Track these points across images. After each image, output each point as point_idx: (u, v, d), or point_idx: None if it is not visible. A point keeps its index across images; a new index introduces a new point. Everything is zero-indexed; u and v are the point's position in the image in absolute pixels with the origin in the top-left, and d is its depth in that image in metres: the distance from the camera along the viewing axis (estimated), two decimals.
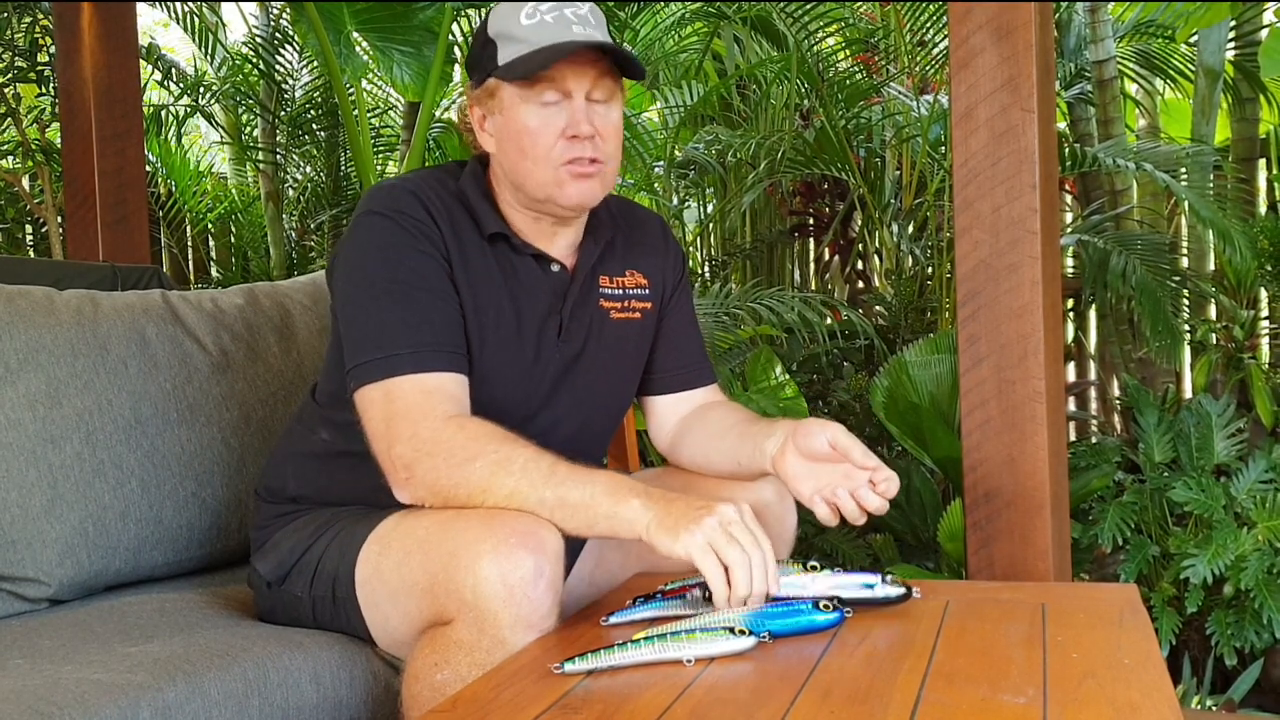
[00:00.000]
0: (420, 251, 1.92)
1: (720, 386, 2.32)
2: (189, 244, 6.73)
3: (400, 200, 1.95)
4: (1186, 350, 4.52)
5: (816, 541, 3.51)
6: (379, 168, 6.09)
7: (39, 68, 5.13)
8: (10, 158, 5.78)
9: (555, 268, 2.05)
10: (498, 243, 2.01)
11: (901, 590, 1.77)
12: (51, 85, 5.07)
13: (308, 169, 6.42)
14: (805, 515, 3.52)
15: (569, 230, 2.07)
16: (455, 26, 5.14)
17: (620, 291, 2.13)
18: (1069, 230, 4.55)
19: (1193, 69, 4.75)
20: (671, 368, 2.22)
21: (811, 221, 5.42)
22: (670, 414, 2.23)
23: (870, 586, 1.77)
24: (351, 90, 5.12)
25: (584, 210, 2.03)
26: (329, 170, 6.25)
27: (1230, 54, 4.62)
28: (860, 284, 5.29)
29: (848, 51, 5.48)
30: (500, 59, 1.95)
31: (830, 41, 5.48)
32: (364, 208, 1.97)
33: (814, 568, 1.89)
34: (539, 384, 2.04)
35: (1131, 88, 5.30)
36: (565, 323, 2.05)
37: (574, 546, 2.06)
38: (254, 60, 6.18)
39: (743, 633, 1.59)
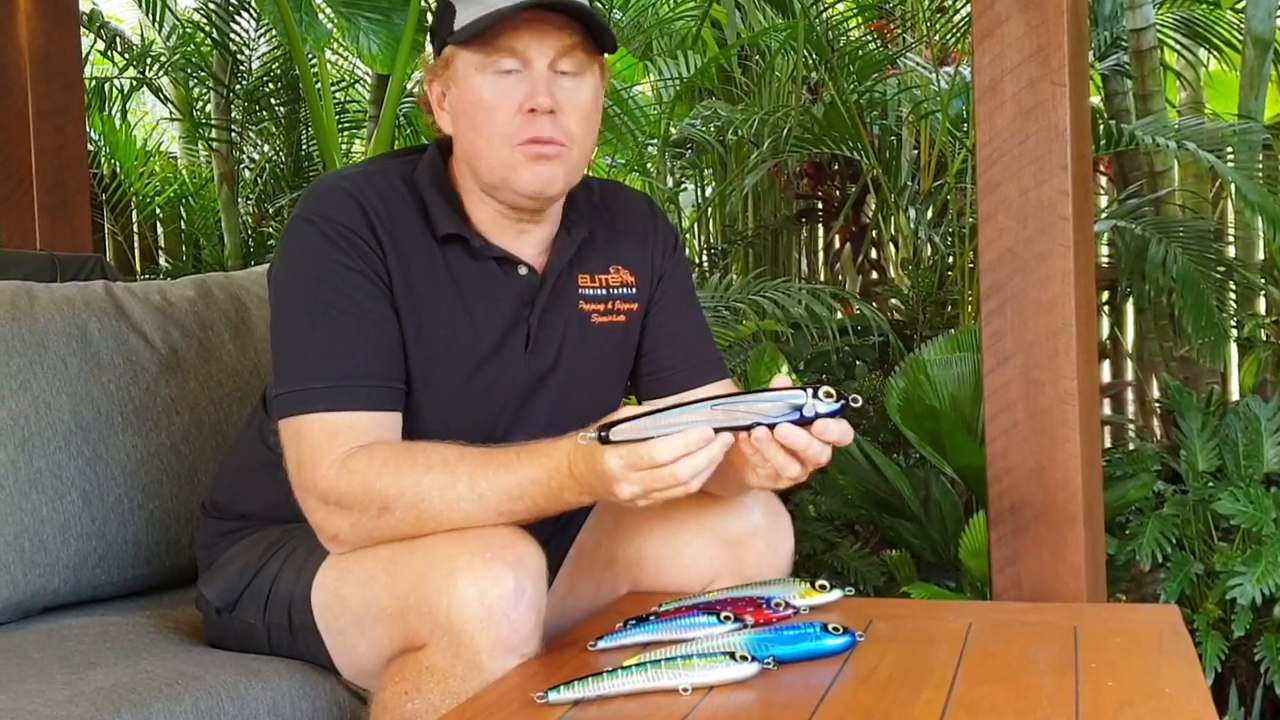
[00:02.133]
0: (349, 268, 1.89)
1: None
2: (135, 230, 6.71)
3: (333, 205, 1.92)
4: (1233, 348, 4.51)
5: (826, 559, 3.51)
6: (344, 147, 6.08)
7: None
8: None
9: (522, 270, 2.01)
10: (452, 246, 1.97)
11: (835, 404, 1.69)
12: None
13: (265, 148, 6.41)
14: (816, 532, 3.56)
15: (540, 226, 2.03)
16: None
17: (603, 291, 2.10)
18: (1103, 216, 4.54)
19: (1240, 38, 4.74)
20: (670, 364, 2.16)
21: (820, 206, 5.41)
22: None
23: (799, 409, 1.70)
24: (314, 61, 5.11)
25: (542, 199, 1.96)
26: (289, 149, 6.24)
27: None
28: (874, 275, 5.29)
29: (860, 18, 5.47)
30: (456, 23, 1.91)
31: (841, 7, 5.47)
32: (297, 210, 1.95)
33: (823, 587, 1.90)
34: (503, 404, 2.01)
35: (1173, 58, 5.30)
36: (533, 332, 2.01)
37: (553, 563, 2.06)
38: (206, 28, 6.17)
39: (744, 658, 1.60)
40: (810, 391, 1.69)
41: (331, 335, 1.87)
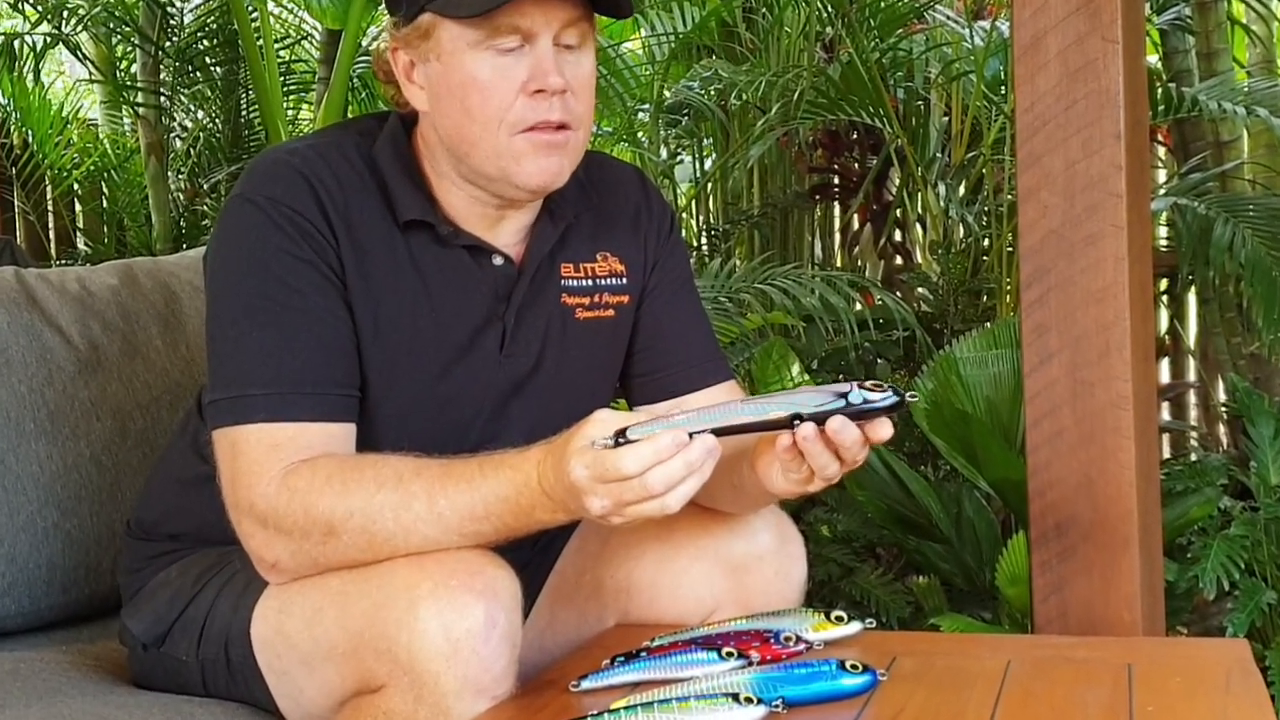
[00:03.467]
0: (296, 256, 1.88)
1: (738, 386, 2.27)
2: (49, 209, 6.70)
3: (279, 183, 1.91)
4: None
5: (843, 586, 3.51)
6: (290, 113, 6.07)
7: None
8: None
9: (498, 260, 2.01)
10: (417, 232, 1.97)
11: (890, 397, 1.71)
12: None
13: (200, 114, 6.39)
14: (831, 555, 3.56)
15: (521, 212, 2.03)
16: None
17: (589, 283, 2.10)
18: (1162, 192, 4.55)
19: None
20: (666, 365, 2.16)
21: (836, 181, 5.42)
22: None
23: (844, 396, 1.71)
24: (255, 15, 5.10)
25: (545, 192, 1.97)
26: (226, 116, 6.23)
27: None
28: (898, 260, 5.29)
29: None
30: None
31: None
32: (237, 189, 1.95)
33: (840, 618, 1.90)
34: (475, 414, 2.02)
35: (1241, 11, 5.30)
36: (509, 331, 2.01)
37: (530, 591, 2.06)
38: None
39: (749, 700, 1.60)
40: (854, 384, 1.71)
41: (274, 334, 1.86)
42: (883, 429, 1.73)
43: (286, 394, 1.85)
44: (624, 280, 2.13)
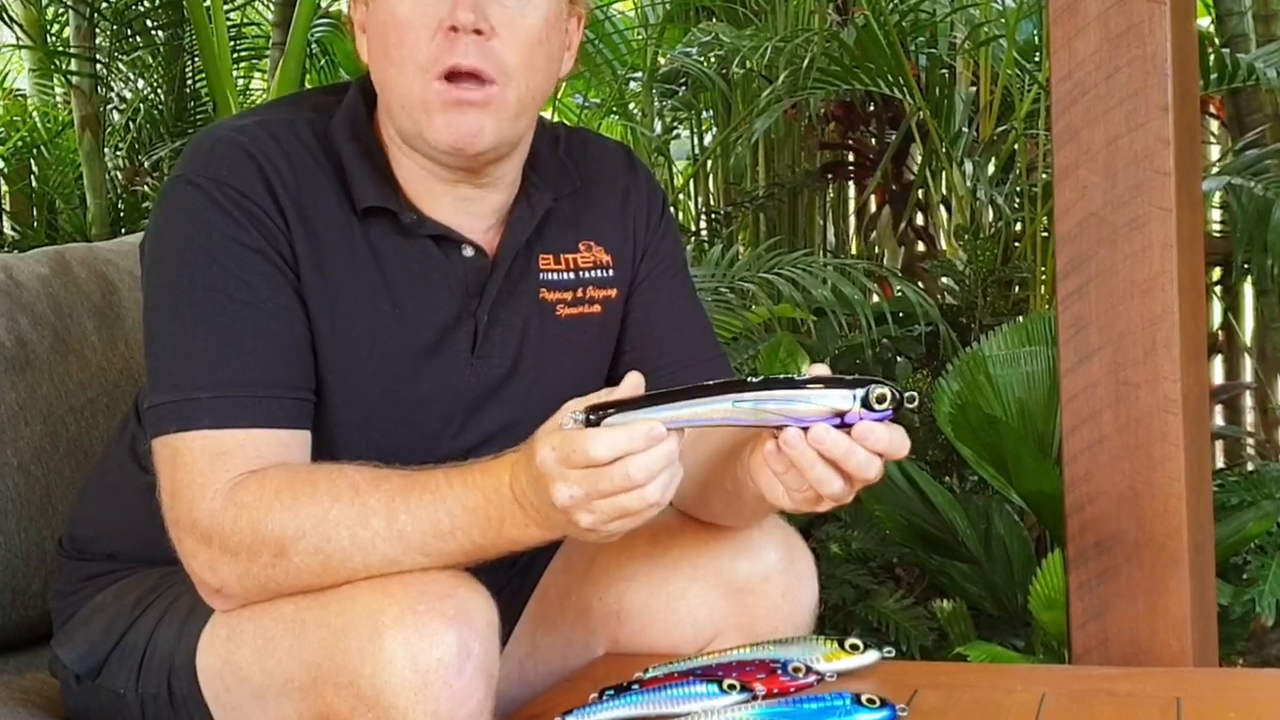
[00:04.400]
0: (244, 245, 1.88)
1: None
2: None
3: (224, 163, 1.90)
4: None
5: (858, 610, 3.52)
6: (241, 82, 6.07)
7: None
8: None
9: (468, 251, 2.00)
10: (377, 220, 1.96)
11: (885, 409, 1.68)
12: None
13: (140, 84, 6.39)
14: (845, 576, 3.56)
15: (489, 193, 2.01)
16: None
17: (570, 275, 2.10)
18: (1214, 171, 4.55)
19: None
20: (658, 364, 2.12)
21: (851, 158, 5.43)
22: None
23: (840, 415, 1.69)
24: None
25: (463, 155, 1.92)
26: (170, 86, 6.22)
27: None
28: (920, 246, 5.30)
29: None
30: None
31: None
32: (177, 169, 1.94)
33: (855, 647, 1.90)
34: (443, 422, 2.01)
35: None
36: (482, 330, 2.01)
37: (508, 616, 2.06)
38: None
39: None
40: (859, 394, 1.68)
41: (220, 330, 1.86)
42: (875, 438, 1.69)
43: (234, 397, 1.84)
44: (610, 272, 2.13)
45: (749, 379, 1.69)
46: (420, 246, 1.98)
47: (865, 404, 1.67)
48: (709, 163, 5.64)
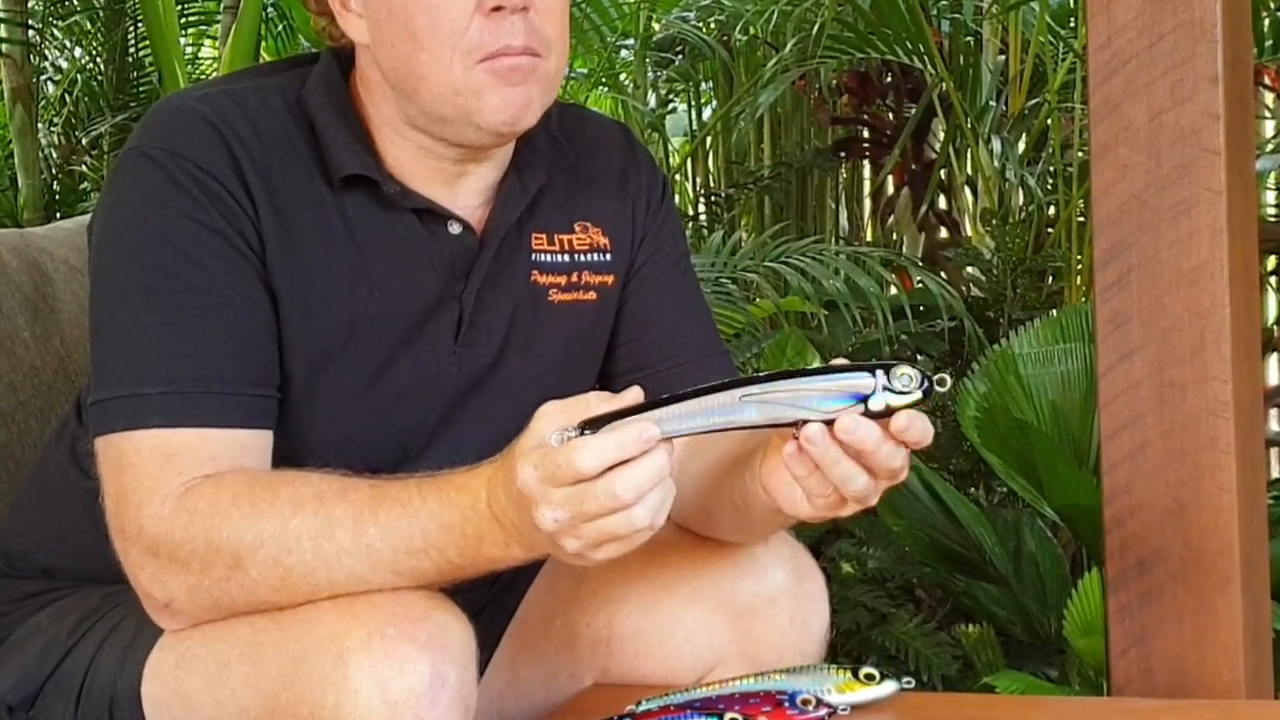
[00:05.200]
0: (204, 225, 1.87)
1: None
2: None
3: (185, 135, 1.90)
4: None
5: (874, 636, 3.52)
6: (189, 51, 6.06)
7: None
8: None
9: (454, 228, 2.00)
10: (355, 192, 1.96)
11: (916, 389, 1.66)
12: None
13: (77, 52, 6.39)
14: (860, 598, 3.56)
15: (484, 168, 2.02)
16: None
17: (565, 258, 2.10)
18: (1269, 148, 4.56)
19: None
20: (655, 359, 2.14)
21: (866, 135, 5.44)
22: None
23: (863, 398, 1.67)
24: None
25: (515, 135, 1.97)
26: (110, 55, 6.22)
27: None
28: (943, 232, 5.30)
29: None
30: None
31: None
32: (132, 140, 1.94)
33: (870, 677, 1.90)
34: (423, 415, 2.01)
35: None
36: (468, 316, 2.01)
37: (487, 640, 2.05)
38: None
39: None
40: (881, 375, 1.67)
41: (173, 319, 1.85)
42: (913, 430, 1.67)
43: (187, 393, 1.83)
44: (607, 256, 2.13)
45: (755, 374, 1.68)
46: (402, 221, 1.98)
47: (888, 389, 1.66)
48: (708, 140, 5.65)
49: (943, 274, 4.61)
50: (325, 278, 1.93)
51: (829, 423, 1.66)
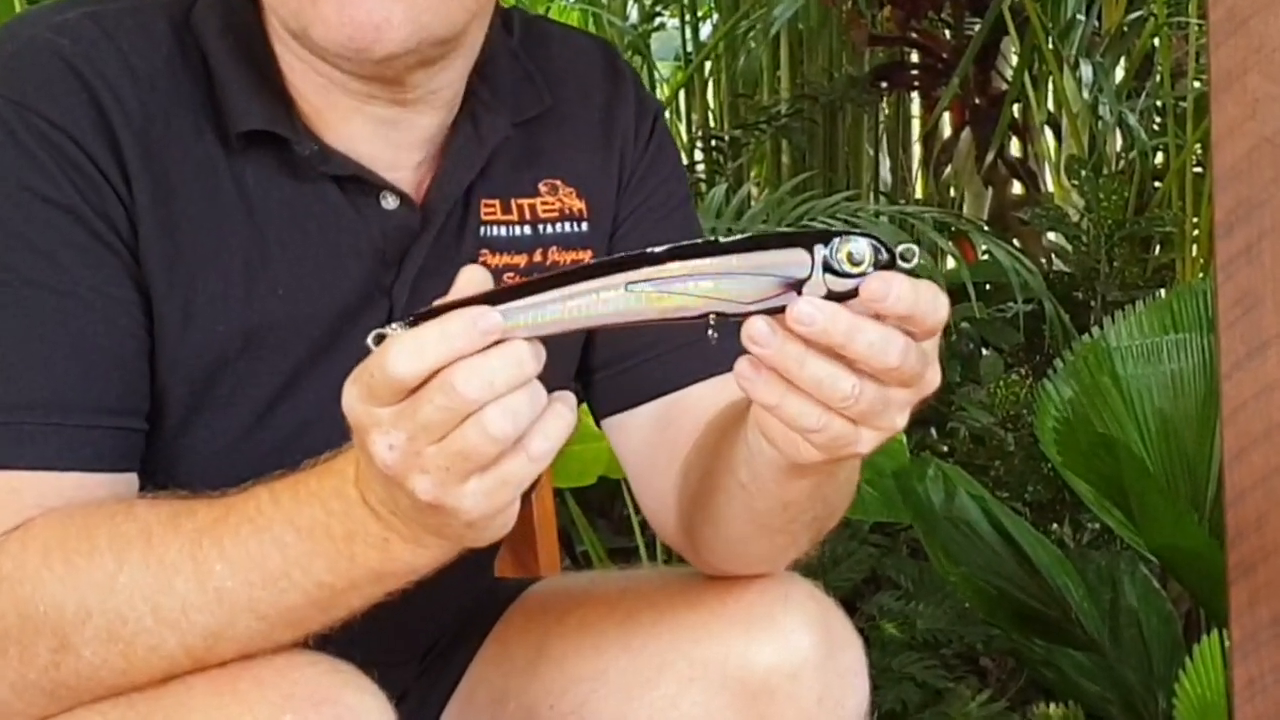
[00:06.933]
0: (51, 202, 1.82)
1: None
2: None
3: (32, 78, 1.85)
4: None
5: (927, 719, 3.52)
6: None
7: None
8: None
9: (389, 202, 1.96)
10: (258, 153, 1.91)
11: (862, 268, 1.52)
12: None
13: None
14: (907, 669, 3.52)
15: (417, 113, 1.97)
16: None
17: (526, 230, 2.07)
18: None
19: None
20: (641, 348, 2.13)
21: (916, 59, 5.51)
22: (661, 446, 2.14)
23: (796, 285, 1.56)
24: None
25: (365, 60, 1.87)
26: None
27: None
28: (1016, 187, 5.32)
29: None
30: None
31: None
32: None
33: None
34: (333, 449, 1.91)
35: None
36: (398, 310, 1.97)
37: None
38: None
39: None
40: (821, 249, 1.53)
41: (9, 327, 1.81)
42: (890, 296, 1.52)
43: (18, 425, 1.79)
44: (583, 225, 2.10)
45: (652, 250, 1.55)
46: (319, 193, 1.93)
47: (830, 269, 1.53)
48: (707, 66, 5.67)
49: (1016, 241, 4.62)
50: (214, 271, 1.89)
51: (775, 312, 1.54)
